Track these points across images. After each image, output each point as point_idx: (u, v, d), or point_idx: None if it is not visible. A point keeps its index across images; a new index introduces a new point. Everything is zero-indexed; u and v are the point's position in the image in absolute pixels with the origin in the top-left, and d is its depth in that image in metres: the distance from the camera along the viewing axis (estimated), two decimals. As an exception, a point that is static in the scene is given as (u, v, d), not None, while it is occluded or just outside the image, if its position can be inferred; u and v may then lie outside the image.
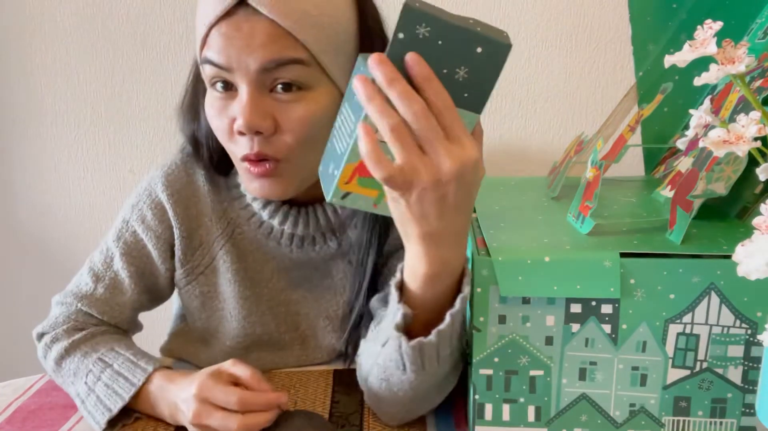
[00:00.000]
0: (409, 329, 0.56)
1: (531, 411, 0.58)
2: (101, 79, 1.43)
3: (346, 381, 0.74)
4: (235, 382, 0.62)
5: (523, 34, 1.34)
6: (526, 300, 0.55)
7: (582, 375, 0.57)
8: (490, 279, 0.55)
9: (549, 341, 0.56)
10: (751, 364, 0.55)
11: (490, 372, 0.57)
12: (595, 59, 1.34)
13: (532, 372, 0.57)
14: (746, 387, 0.55)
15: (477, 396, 0.58)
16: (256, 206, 0.75)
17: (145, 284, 0.78)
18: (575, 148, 0.79)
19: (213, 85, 0.65)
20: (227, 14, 0.61)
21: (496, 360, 0.57)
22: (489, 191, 0.78)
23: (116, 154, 1.46)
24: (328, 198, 0.52)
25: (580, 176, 0.71)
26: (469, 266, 0.58)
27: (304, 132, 0.64)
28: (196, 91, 0.72)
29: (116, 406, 0.65)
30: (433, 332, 0.54)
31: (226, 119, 0.64)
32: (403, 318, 0.55)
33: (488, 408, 0.58)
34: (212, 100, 0.65)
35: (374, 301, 0.73)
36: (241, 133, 0.63)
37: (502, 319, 0.56)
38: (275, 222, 0.74)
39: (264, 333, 0.78)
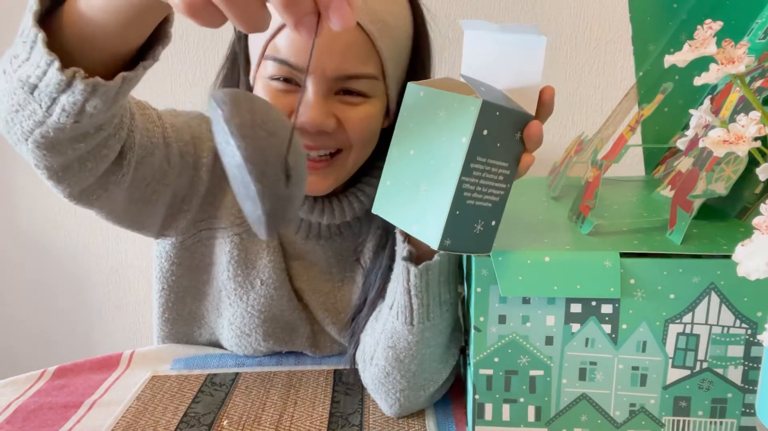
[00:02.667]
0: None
1: (531, 411, 0.58)
2: (101, 79, 1.42)
3: (346, 381, 0.74)
4: None
5: (523, 34, 1.34)
6: (526, 300, 0.55)
7: (582, 375, 0.57)
8: (490, 279, 0.55)
9: (549, 341, 0.56)
10: (751, 364, 0.55)
11: (490, 372, 0.57)
12: (595, 59, 1.34)
13: (532, 372, 0.57)
14: (746, 387, 0.55)
15: (477, 396, 0.58)
16: None
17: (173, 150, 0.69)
18: (575, 148, 0.79)
19: (273, 79, 0.64)
20: None
21: (496, 360, 0.57)
22: (489, 191, 0.78)
23: (116, 154, 1.46)
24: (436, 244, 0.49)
25: (580, 176, 0.71)
26: (470, 266, 0.58)
27: (364, 130, 0.66)
28: (235, 75, 0.71)
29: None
30: (435, 256, 0.57)
31: (283, 108, 0.63)
32: (409, 254, 0.58)
33: (488, 408, 0.58)
34: (268, 89, 0.64)
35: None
36: (303, 128, 0.63)
37: (502, 319, 0.56)
38: (301, 213, 0.75)
39: (286, 309, 0.78)
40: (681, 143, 0.59)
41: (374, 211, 0.54)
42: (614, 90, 1.33)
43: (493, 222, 0.52)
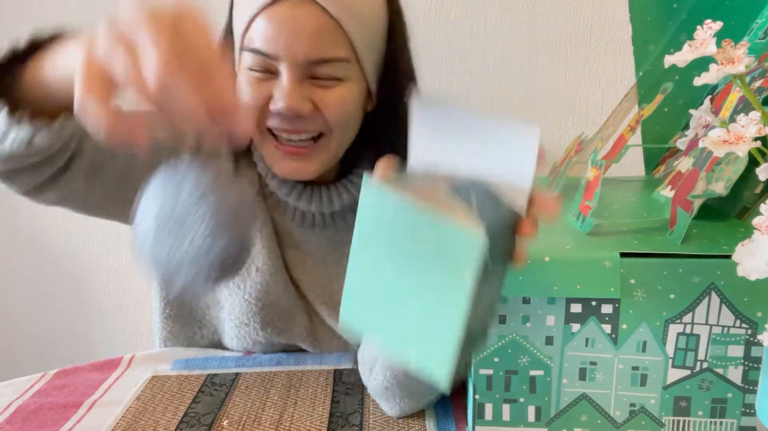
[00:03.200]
0: None
1: (531, 411, 0.58)
2: (101, 79, 1.42)
3: (346, 381, 0.74)
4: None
5: (523, 34, 1.34)
6: (526, 300, 0.55)
7: (582, 375, 0.57)
8: (490, 279, 0.55)
9: (549, 341, 0.56)
10: (751, 364, 0.55)
11: (490, 372, 0.57)
12: (595, 59, 1.34)
13: (532, 372, 0.57)
14: (746, 387, 0.55)
15: (477, 396, 0.58)
16: (273, 185, 0.77)
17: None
18: (575, 148, 0.79)
19: (251, 70, 0.66)
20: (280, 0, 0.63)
21: (496, 360, 0.57)
22: (489, 191, 0.78)
23: (116, 154, 1.46)
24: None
25: (580, 176, 0.71)
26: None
27: (339, 112, 0.68)
28: None
29: None
30: None
31: (262, 97, 0.67)
32: None
33: (488, 408, 0.58)
34: (247, 78, 0.67)
35: None
36: (279, 113, 0.66)
37: (502, 319, 0.56)
38: (281, 193, 0.77)
39: (282, 296, 0.78)
40: (681, 143, 0.59)
41: (342, 324, 0.45)
42: (614, 90, 1.34)
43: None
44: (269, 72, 0.66)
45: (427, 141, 0.45)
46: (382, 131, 0.75)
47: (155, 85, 0.34)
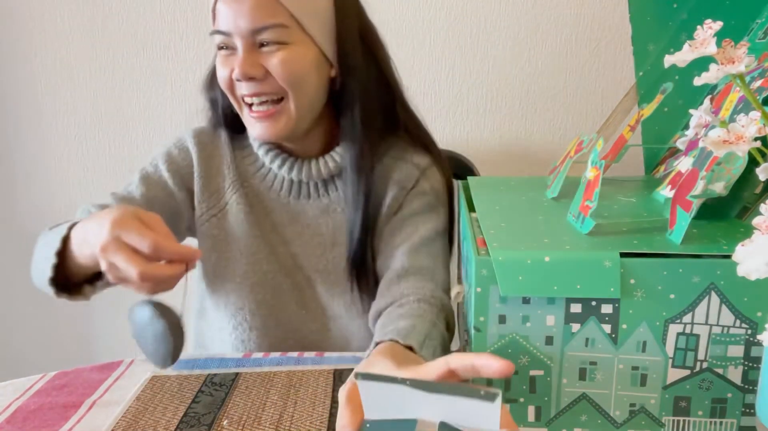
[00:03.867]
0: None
1: (531, 411, 0.58)
2: (101, 79, 1.43)
3: (346, 381, 0.74)
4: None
5: (523, 34, 1.34)
6: (526, 300, 0.55)
7: (582, 375, 0.57)
8: (490, 279, 0.55)
9: (549, 341, 0.56)
10: (751, 364, 0.55)
11: (490, 372, 0.57)
12: (595, 59, 1.34)
13: (532, 372, 0.57)
14: (746, 387, 0.55)
15: (477, 396, 0.58)
16: (261, 153, 0.87)
17: (154, 209, 0.80)
18: (575, 148, 0.79)
19: (220, 49, 0.80)
20: None
21: (496, 360, 0.57)
22: (489, 191, 0.78)
23: (116, 154, 1.46)
24: None
25: (580, 176, 0.71)
26: (470, 266, 0.58)
27: (288, 72, 0.78)
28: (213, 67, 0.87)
29: (51, 253, 0.70)
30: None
31: (228, 70, 0.80)
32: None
33: (488, 408, 0.58)
34: (219, 59, 0.81)
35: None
36: (238, 80, 0.79)
37: (502, 319, 0.56)
38: (275, 166, 0.87)
39: (269, 271, 0.87)
40: (681, 143, 0.59)
41: None
42: (614, 90, 1.34)
43: None
44: (230, 48, 0.79)
45: (381, 411, 0.46)
46: (350, 99, 0.83)
47: (134, 278, 0.62)
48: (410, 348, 0.61)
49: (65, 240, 0.70)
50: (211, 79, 0.88)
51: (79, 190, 1.48)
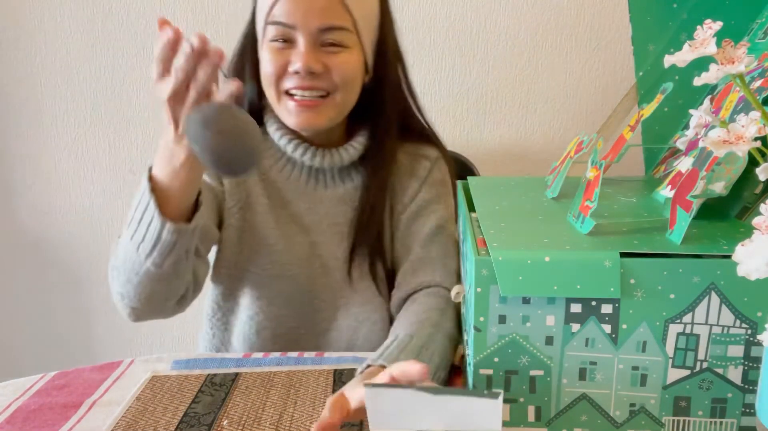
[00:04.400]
0: None
1: (531, 411, 0.58)
2: (101, 79, 1.43)
3: (346, 381, 0.74)
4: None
5: (523, 34, 1.34)
6: (526, 300, 0.55)
7: (582, 375, 0.57)
8: (490, 279, 0.55)
9: (549, 341, 0.56)
10: (751, 364, 0.55)
11: (490, 372, 0.57)
12: (595, 59, 1.34)
13: (532, 372, 0.57)
14: (746, 387, 0.55)
15: (477, 396, 0.58)
16: (283, 143, 0.89)
17: (208, 204, 0.85)
18: (575, 148, 0.79)
19: (273, 41, 0.82)
20: None
21: (496, 360, 0.57)
22: (489, 191, 0.78)
23: (116, 154, 1.46)
24: None
25: (580, 176, 0.71)
26: (470, 266, 0.58)
27: (345, 72, 0.83)
28: (244, 53, 0.90)
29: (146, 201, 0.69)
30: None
31: (282, 62, 0.82)
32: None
33: (488, 408, 0.58)
34: (270, 49, 0.83)
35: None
36: (296, 72, 0.81)
37: (502, 319, 0.56)
38: (297, 154, 0.89)
39: (287, 262, 0.90)
40: (681, 143, 0.59)
41: None
42: (614, 90, 1.33)
43: None
44: (287, 42, 0.82)
45: (386, 419, 0.48)
46: (376, 102, 0.91)
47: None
48: None
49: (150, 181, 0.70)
50: (236, 68, 0.90)
51: (79, 190, 1.48)
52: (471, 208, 0.74)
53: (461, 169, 1.19)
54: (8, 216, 1.51)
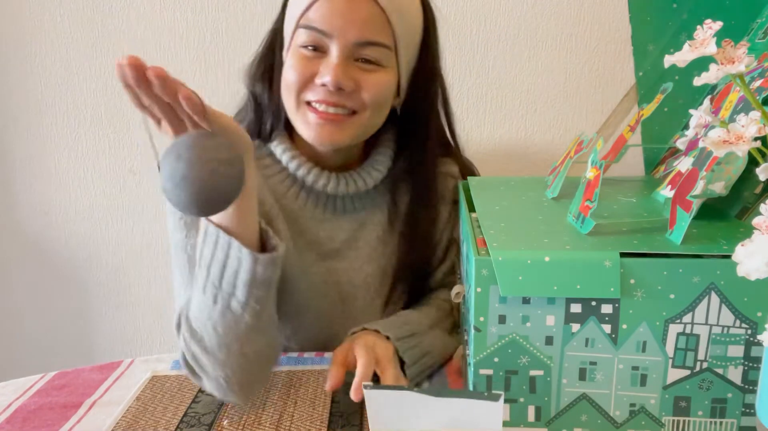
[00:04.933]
0: None
1: (531, 411, 0.58)
2: (101, 79, 1.43)
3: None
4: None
5: (523, 34, 1.34)
6: (526, 300, 0.55)
7: (582, 375, 0.57)
8: (490, 279, 0.55)
9: (549, 341, 0.56)
10: (751, 364, 0.55)
11: (490, 372, 0.57)
12: (595, 59, 1.34)
13: (532, 372, 0.57)
14: (746, 387, 0.55)
15: (477, 396, 0.58)
16: (293, 166, 0.81)
17: None
18: (575, 148, 0.79)
19: (303, 47, 0.75)
20: None
21: (496, 360, 0.57)
22: (489, 191, 0.78)
23: (116, 154, 1.46)
24: None
25: (580, 176, 0.71)
26: (470, 266, 0.58)
27: (377, 93, 0.76)
28: (271, 54, 0.82)
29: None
30: None
31: (309, 71, 0.74)
32: None
33: (488, 408, 0.58)
34: (298, 55, 0.75)
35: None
36: (323, 85, 0.73)
37: (502, 319, 0.56)
38: (309, 179, 0.81)
39: (306, 289, 0.82)
40: (681, 143, 0.59)
41: None
42: (614, 90, 1.33)
43: None
44: (318, 50, 0.74)
45: (386, 421, 0.50)
46: (409, 124, 0.85)
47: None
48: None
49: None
50: (260, 69, 0.82)
51: (79, 190, 1.48)
52: (471, 208, 0.74)
53: (461, 168, 1.19)
54: (8, 217, 1.50)
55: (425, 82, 0.83)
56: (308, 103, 0.75)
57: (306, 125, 0.76)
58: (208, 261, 0.61)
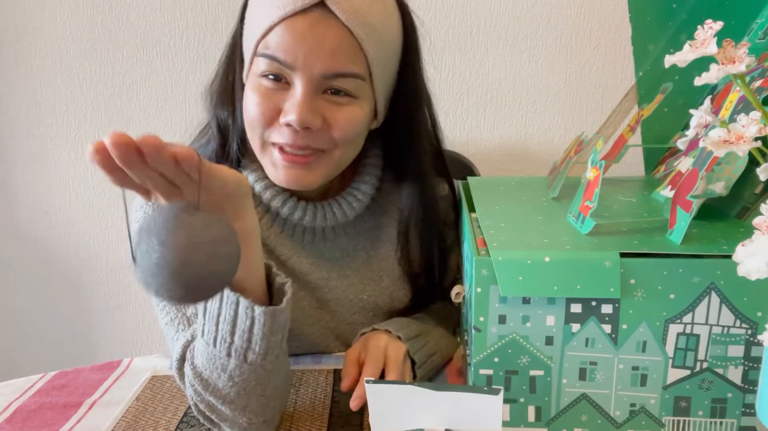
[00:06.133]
0: None
1: (531, 411, 0.58)
2: (101, 79, 1.43)
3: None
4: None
5: (523, 34, 1.34)
6: (526, 300, 0.55)
7: (582, 375, 0.57)
8: (490, 279, 0.55)
9: (549, 341, 0.56)
10: (751, 364, 0.55)
11: (490, 372, 0.57)
12: (595, 59, 1.34)
13: (532, 372, 0.57)
14: (746, 387, 0.55)
15: (477, 396, 0.58)
16: (267, 197, 0.74)
17: None
18: (575, 148, 0.79)
19: (264, 76, 0.66)
20: (303, 11, 0.62)
21: (496, 360, 0.57)
22: (489, 191, 0.78)
23: (116, 154, 1.46)
24: None
25: (580, 176, 0.71)
26: (470, 266, 0.58)
27: (349, 131, 0.68)
28: (229, 79, 0.73)
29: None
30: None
31: (271, 107, 0.66)
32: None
33: (488, 408, 0.58)
34: (257, 89, 0.67)
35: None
36: (287, 125, 0.65)
37: (502, 319, 0.56)
38: (284, 211, 0.75)
39: (295, 320, 0.77)
40: (681, 143, 0.59)
41: None
42: (614, 90, 1.34)
43: None
44: (281, 81, 0.66)
45: (387, 416, 0.50)
46: (389, 146, 0.78)
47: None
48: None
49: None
50: (223, 94, 0.74)
51: (79, 190, 1.48)
52: (471, 208, 0.74)
53: (461, 169, 1.19)
54: (8, 216, 1.51)
55: (407, 103, 0.75)
56: (274, 143, 0.68)
57: (273, 167, 0.69)
58: (215, 317, 0.56)
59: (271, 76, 0.65)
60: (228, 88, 0.73)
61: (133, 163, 0.44)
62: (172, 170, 0.45)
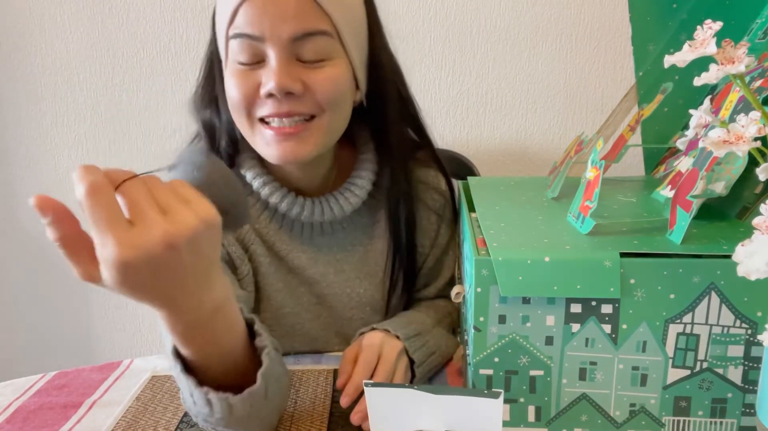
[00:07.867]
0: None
1: (531, 411, 0.58)
2: (101, 79, 1.43)
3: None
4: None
5: (523, 34, 1.34)
6: (526, 300, 0.55)
7: (582, 375, 0.57)
8: (490, 279, 0.55)
9: (549, 341, 0.56)
10: (751, 364, 0.55)
11: (490, 372, 0.57)
12: (595, 59, 1.34)
13: (532, 372, 0.57)
14: (746, 387, 0.55)
15: (477, 396, 0.58)
16: (264, 193, 0.76)
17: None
18: (575, 148, 0.79)
19: (240, 61, 0.68)
20: None
21: (496, 360, 0.57)
22: (489, 191, 0.78)
23: (116, 154, 1.46)
24: None
25: (580, 176, 0.71)
26: (470, 266, 0.58)
27: (331, 91, 0.68)
28: (211, 79, 0.76)
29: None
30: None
31: (251, 85, 0.68)
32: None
33: (488, 408, 0.58)
34: (235, 72, 0.68)
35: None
36: (269, 95, 0.67)
37: (502, 319, 0.56)
38: (282, 207, 0.76)
39: (296, 314, 0.81)
40: (681, 143, 0.59)
41: None
42: (614, 90, 1.34)
43: None
44: (257, 61, 0.68)
45: (387, 419, 0.50)
46: (382, 124, 0.78)
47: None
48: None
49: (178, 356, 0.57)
50: (205, 97, 0.77)
51: (79, 190, 1.48)
52: (471, 208, 0.74)
53: (461, 169, 1.19)
54: (8, 216, 1.51)
55: (378, 68, 0.75)
56: (262, 120, 0.69)
57: (265, 145, 0.70)
58: (191, 404, 0.56)
59: (246, 59, 0.67)
60: (211, 92, 0.76)
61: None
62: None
